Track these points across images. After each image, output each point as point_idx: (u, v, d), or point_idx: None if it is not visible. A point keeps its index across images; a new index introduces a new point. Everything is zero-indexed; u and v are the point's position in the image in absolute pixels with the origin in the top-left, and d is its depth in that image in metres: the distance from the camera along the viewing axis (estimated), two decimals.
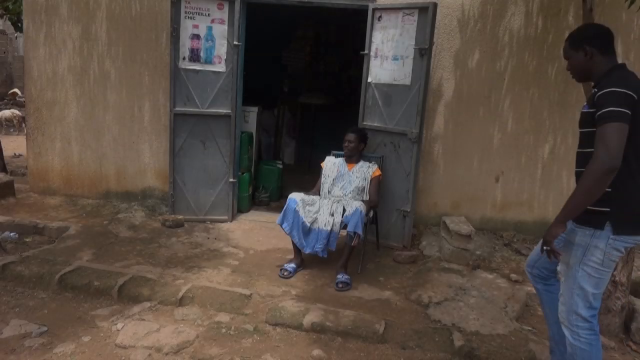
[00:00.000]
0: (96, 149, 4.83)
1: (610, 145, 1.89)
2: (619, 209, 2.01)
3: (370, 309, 3.10)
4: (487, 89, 4.34)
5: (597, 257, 2.05)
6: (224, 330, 2.77)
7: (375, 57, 4.17)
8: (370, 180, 3.87)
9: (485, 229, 4.51)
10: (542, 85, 4.28)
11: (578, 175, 2.13)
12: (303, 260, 3.71)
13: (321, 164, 4.05)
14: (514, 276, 3.73)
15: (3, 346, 2.53)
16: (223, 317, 2.89)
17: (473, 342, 2.73)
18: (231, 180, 4.52)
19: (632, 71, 2.10)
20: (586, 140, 2.08)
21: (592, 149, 1.96)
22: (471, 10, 4.25)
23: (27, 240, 4.00)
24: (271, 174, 5.31)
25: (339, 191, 3.86)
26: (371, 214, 3.79)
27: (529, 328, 3.04)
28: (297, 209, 3.56)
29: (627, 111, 1.91)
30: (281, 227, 3.61)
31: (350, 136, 3.91)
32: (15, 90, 12.96)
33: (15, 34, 15.19)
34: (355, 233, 3.41)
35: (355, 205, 3.51)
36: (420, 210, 4.50)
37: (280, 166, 5.48)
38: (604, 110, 1.93)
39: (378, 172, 3.92)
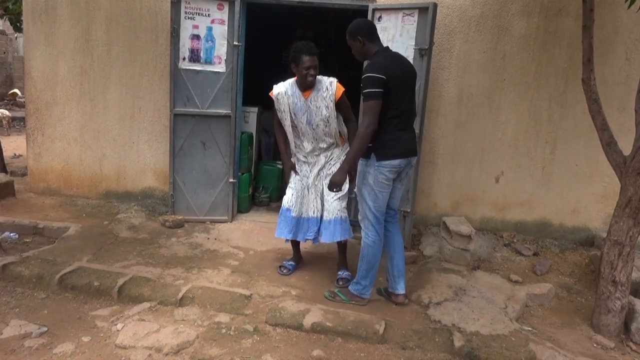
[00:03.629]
0: (96, 150, 4.83)
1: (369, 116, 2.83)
2: (378, 144, 2.91)
3: (370, 309, 3.10)
4: (487, 89, 4.34)
5: (369, 179, 2.96)
6: (224, 331, 2.77)
7: None
8: (337, 104, 3.25)
9: (485, 229, 4.51)
10: (542, 85, 4.28)
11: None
12: (302, 258, 3.73)
13: (270, 95, 3.42)
14: (514, 276, 3.73)
15: (3, 346, 2.53)
16: (223, 318, 2.89)
17: (473, 343, 2.73)
18: (231, 180, 4.52)
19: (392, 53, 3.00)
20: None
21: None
22: (471, 10, 4.25)
23: (27, 240, 4.00)
24: (271, 174, 5.31)
25: (306, 128, 3.29)
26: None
27: (529, 328, 3.05)
28: (293, 215, 3.44)
29: (379, 90, 2.80)
30: (286, 241, 3.57)
31: (314, 60, 3.15)
32: (16, 90, 12.96)
33: (15, 34, 15.20)
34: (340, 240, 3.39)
35: (334, 213, 3.32)
36: (421, 211, 4.51)
37: (280, 166, 5.47)
38: (364, 91, 2.84)
39: (341, 88, 3.27)
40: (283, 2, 4.39)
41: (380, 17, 4.09)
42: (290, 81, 3.37)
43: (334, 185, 2.99)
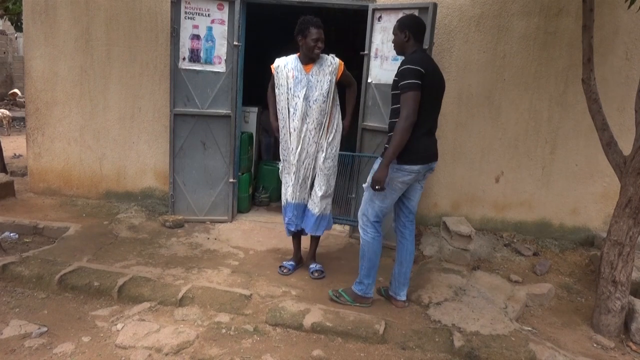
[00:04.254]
0: (96, 150, 4.83)
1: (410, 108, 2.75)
2: None
3: (370, 309, 3.10)
4: (487, 89, 4.34)
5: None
6: (224, 331, 2.77)
7: (376, 57, 4.17)
8: (340, 77, 3.35)
9: (485, 229, 4.51)
10: (542, 85, 4.28)
11: (391, 125, 2.91)
12: (302, 258, 3.73)
13: (271, 67, 3.42)
14: (514, 276, 3.73)
15: (3, 346, 2.53)
16: (223, 318, 2.89)
17: (473, 343, 2.73)
18: (231, 180, 4.52)
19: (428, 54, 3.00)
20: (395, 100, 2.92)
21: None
22: (471, 10, 4.25)
23: (27, 240, 4.01)
24: (271, 174, 5.31)
25: (302, 104, 3.25)
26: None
27: (529, 328, 3.05)
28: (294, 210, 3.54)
29: (418, 82, 2.74)
30: (291, 235, 3.62)
31: (321, 34, 3.23)
32: (16, 90, 12.96)
33: (15, 34, 15.21)
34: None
35: (321, 210, 3.41)
36: (420, 211, 4.50)
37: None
38: (403, 82, 2.76)
39: (342, 64, 3.37)
40: (283, 2, 4.39)
41: (380, 17, 4.09)
42: (293, 55, 3.38)
43: (377, 184, 2.85)
